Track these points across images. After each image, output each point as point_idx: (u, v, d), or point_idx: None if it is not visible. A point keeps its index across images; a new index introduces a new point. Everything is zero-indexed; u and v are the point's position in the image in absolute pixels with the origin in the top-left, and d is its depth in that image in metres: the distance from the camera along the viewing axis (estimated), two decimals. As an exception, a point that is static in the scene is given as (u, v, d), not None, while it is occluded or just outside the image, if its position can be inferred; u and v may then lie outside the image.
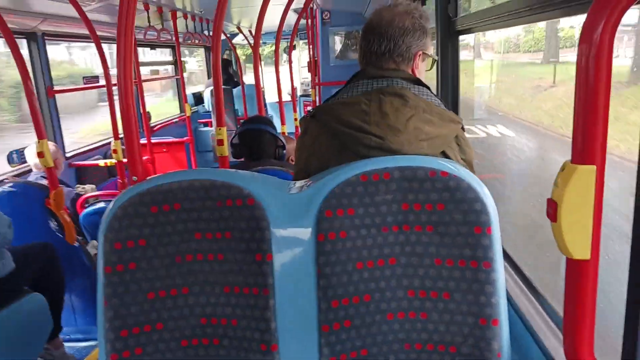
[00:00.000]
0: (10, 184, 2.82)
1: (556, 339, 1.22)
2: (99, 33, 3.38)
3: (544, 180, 2.02)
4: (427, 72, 1.48)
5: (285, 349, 1.14)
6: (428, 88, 1.36)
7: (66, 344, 2.77)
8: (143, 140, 4.79)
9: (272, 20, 4.30)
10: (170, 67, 7.50)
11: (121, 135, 3.05)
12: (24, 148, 3.44)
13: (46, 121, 4.06)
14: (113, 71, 2.37)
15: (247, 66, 11.11)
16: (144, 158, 4.44)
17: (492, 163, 2.91)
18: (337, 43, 6.68)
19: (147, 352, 1.17)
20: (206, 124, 7.49)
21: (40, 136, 2.54)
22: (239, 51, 7.82)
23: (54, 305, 2.48)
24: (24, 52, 3.83)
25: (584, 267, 0.76)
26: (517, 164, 2.56)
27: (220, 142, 2.07)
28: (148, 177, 1.24)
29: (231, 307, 1.17)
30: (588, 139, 0.71)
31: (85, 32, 3.28)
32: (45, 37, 4.08)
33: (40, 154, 2.56)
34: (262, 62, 9.93)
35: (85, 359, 2.80)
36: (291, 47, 5.97)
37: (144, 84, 4.78)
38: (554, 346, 1.18)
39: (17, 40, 2.62)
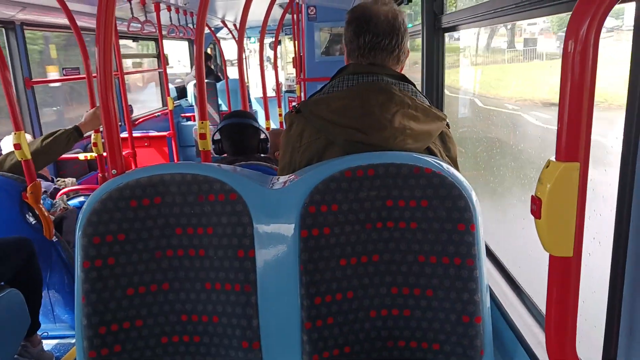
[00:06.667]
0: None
1: (539, 336, 1.22)
2: (79, 23, 3.31)
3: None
4: (413, 68, 1.48)
5: (267, 346, 1.13)
6: (413, 85, 1.35)
7: (44, 341, 2.71)
8: (124, 134, 4.72)
9: (257, 14, 4.25)
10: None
11: (101, 128, 2.99)
12: None
13: (24, 113, 3.97)
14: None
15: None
16: (125, 152, 4.38)
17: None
18: (323, 39, 6.66)
19: (126, 349, 1.15)
20: (189, 118, 7.40)
21: (17, 128, 2.47)
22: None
23: (31, 302, 2.43)
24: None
25: (567, 264, 0.76)
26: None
27: (202, 136, 2.04)
28: (127, 171, 1.21)
29: (212, 304, 1.15)
30: (572, 136, 0.71)
31: (66, 22, 3.21)
32: (24, 27, 3.98)
33: (16, 146, 2.48)
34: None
35: (64, 357, 2.74)
36: (276, 42, 5.93)
37: None
38: (537, 343, 1.19)
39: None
